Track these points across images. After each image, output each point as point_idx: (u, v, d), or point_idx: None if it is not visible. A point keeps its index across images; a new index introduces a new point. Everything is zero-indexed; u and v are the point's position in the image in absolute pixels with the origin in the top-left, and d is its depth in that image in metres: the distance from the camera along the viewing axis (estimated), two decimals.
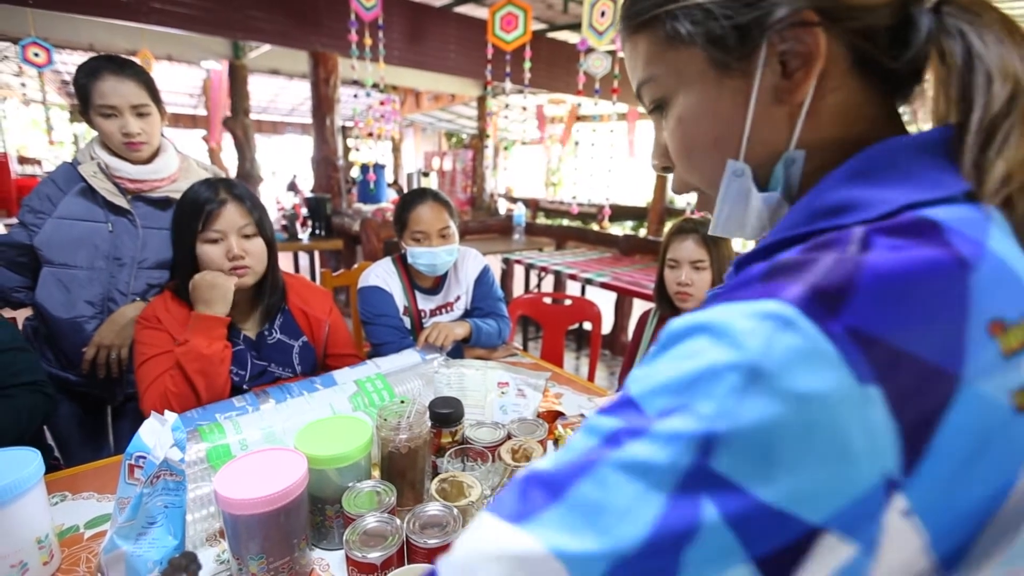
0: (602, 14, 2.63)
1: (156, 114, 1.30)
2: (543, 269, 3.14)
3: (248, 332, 1.25)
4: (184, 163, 1.41)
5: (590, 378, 2.09)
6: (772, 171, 0.41)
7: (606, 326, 2.86)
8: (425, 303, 1.62)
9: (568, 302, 2.34)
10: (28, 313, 1.36)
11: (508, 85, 3.73)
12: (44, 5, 3.30)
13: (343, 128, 4.76)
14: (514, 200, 8.81)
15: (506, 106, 8.40)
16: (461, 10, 5.00)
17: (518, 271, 3.90)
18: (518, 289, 4.26)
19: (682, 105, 0.42)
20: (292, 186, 10.65)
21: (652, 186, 6.28)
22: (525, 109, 9.44)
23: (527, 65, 3.19)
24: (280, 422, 0.91)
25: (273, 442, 0.87)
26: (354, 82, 3.56)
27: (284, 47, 4.24)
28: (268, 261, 1.21)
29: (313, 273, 5.10)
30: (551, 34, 5.57)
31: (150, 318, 1.15)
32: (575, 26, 5.12)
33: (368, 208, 4.86)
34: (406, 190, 8.30)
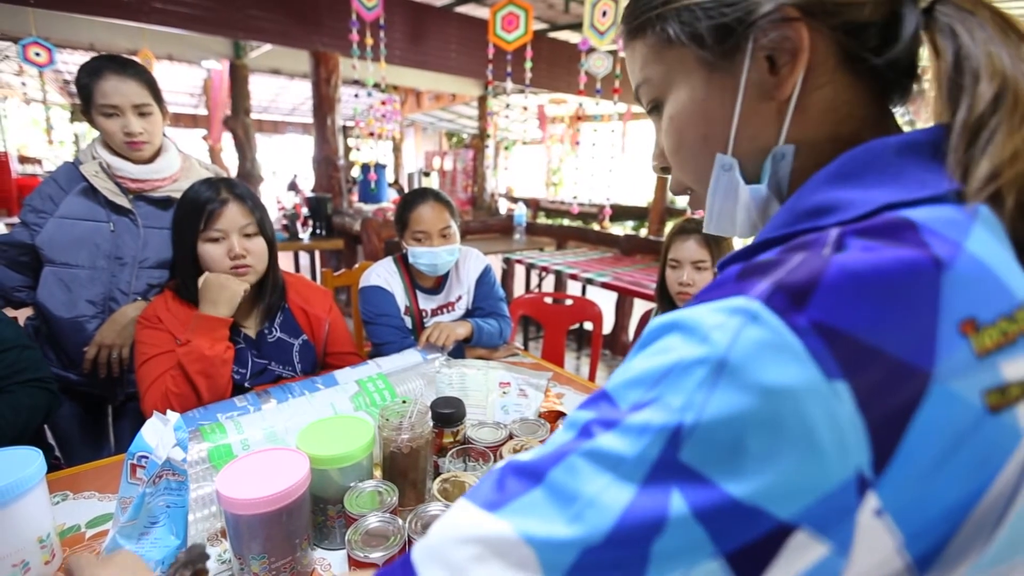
0: (603, 14, 2.63)
1: (158, 114, 1.30)
2: (544, 269, 3.14)
3: (248, 331, 1.25)
4: (186, 163, 1.41)
5: (591, 378, 2.09)
6: (762, 167, 0.41)
7: (607, 326, 2.86)
8: (426, 303, 1.62)
9: (569, 302, 2.34)
10: (29, 312, 1.36)
11: (509, 85, 3.73)
12: (45, 5, 3.30)
13: (344, 128, 4.76)
14: (515, 200, 8.82)
15: (507, 106, 8.39)
16: (462, 10, 5.00)
17: (519, 271, 3.90)
18: (519, 289, 4.26)
19: (673, 104, 0.43)
20: (293, 186, 10.65)
21: (653, 186, 6.29)
22: (526, 109, 9.45)
23: (528, 65, 3.19)
24: (282, 422, 0.91)
25: (275, 442, 0.87)
26: (355, 82, 3.55)
27: (285, 47, 4.24)
28: (268, 260, 1.21)
29: (314, 273, 5.10)
30: (552, 34, 5.57)
31: (151, 318, 1.15)
32: (576, 26, 5.11)
33: (369, 208, 4.87)
34: (407, 190, 8.30)
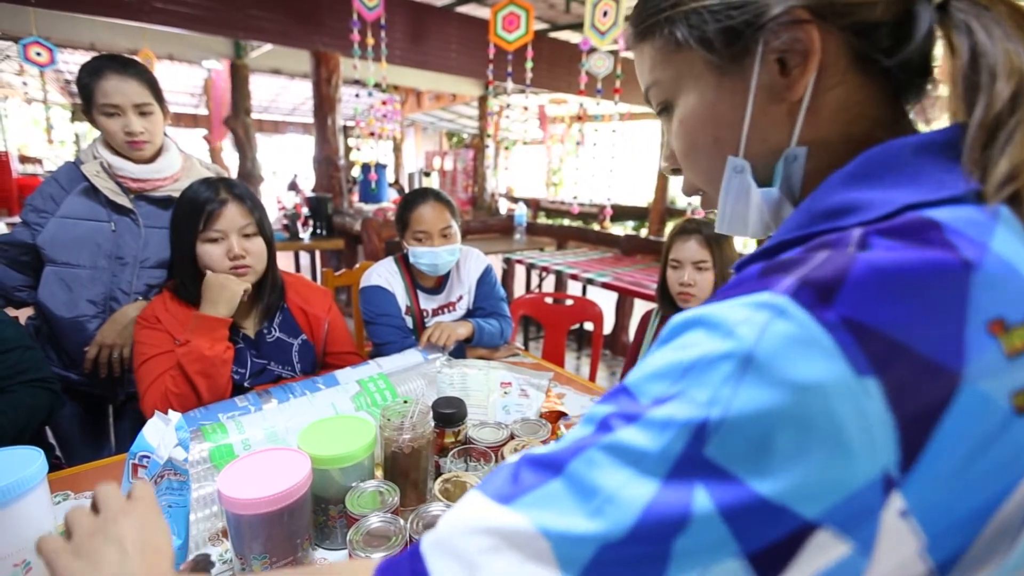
0: (604, 14, 2.62)
1: (159, 113, 1.30)
2: (544, 269, 3.14)
3: (247, 331, 1.25)
4: (187, 162, 1.41)
5: (591, 378, 2.09)
6: (774, 169, 0.41)
7: (607, 326, 2.86)
8: (427, 303, 1.62)
9: (569, 302, 2.34)
10: (30, 312, 1.36)
11: (510, 85, 3.73)
12: (46, 4, 3.30)
13: (344, 128, 4.76)
14: (515, 200, 8.82)
15: (507, 106, 8.39)
16: (463, 10, 5.00)
17: (519, 271, 3.90)
18: (519, 289, 4.26)
19: (683, 107, 0.43)
20: (293, 185, 10.66)
21: (653, 186, 6.29)
22: (527, 109, 9.44)
23: (529, 65, 3.18)
24: (283, 422, 0.91)
25: (276, 442, 0.87)
26: (356, 82, 3.55)
27: (286, 47, 4.24)
28: (267, 260, 1.21)
29: (314, 273, 5.10)
30: (553, 34, 5.56)
31: (149, 318, 1.15)
32: (577, 26, 5.11)
33: (369, 208, 4.87)
34: (407, 190, 8.31)
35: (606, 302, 2.45)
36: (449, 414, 0.92)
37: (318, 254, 4.79)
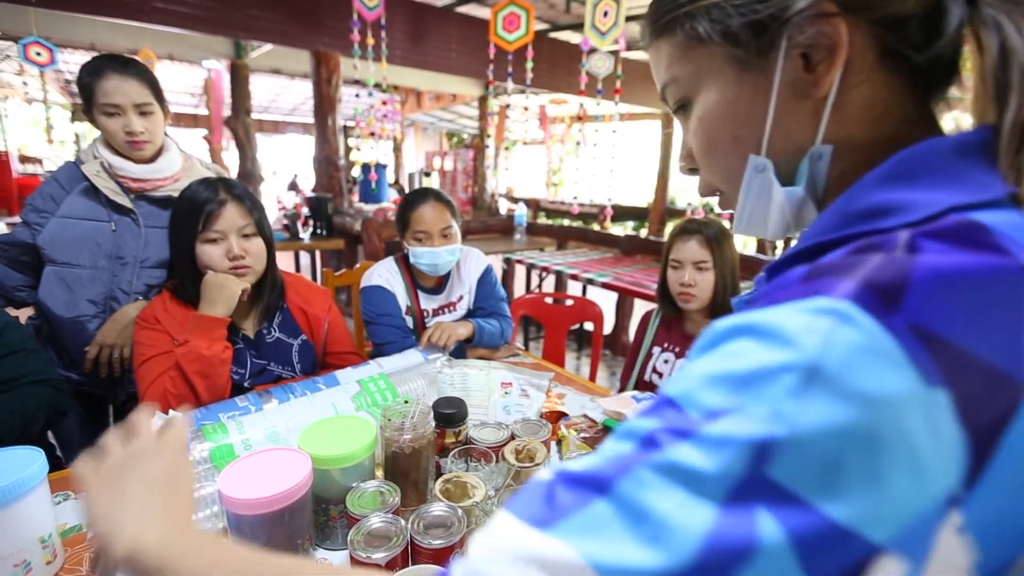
0: (604, 14, 2.62)
1: (159, 113, 1.30)
2: (544, 269, 3.14)
3: (246, 331, 1.25)
4: (187, 162, 1.41)
5: (591, 378, 2.09)
6: (797, 168, 0.40)
7: (607, 326, 2.86)
8: (428, 303, 1.62)
9: (569, 302, 2.34)
10: (30, 312, 1.36)
11: (510, 85, 3.73)
12: (46, 4, 3.30)
13: (344, 128, 4.77)
14: (515, 200, 8.83)
15: (507, 106, 8.39)
16: (463, 10, 5.00)
17: (519, 271, 3.90)
18: (519, 289, 4.26)
19: (703, 104, 0.41)
20: (293, 185, 10.66)
21: (653, 187, 6.29)
22: (527, 109, 9.44)
23: (529, 65, 3.18)
24: (283, 422, 0.91)
25: (276, 442, 0.87)
26: (356, 82, 3.55)
27: (286, 47, 4.23)
28: (267, 260, 1.21)
29: (314, 273, 5.10)
30: (553, 34, 5.56)
31: (148, 318, 1.15)
32: (578, 26, 5.11)
33: (369, 208, 4.87)
34: (407, 190, 8.31)
35: (606, 302, 2.44)
36: (450, 414, 0.92)
37: (318, 254, 4.79)
